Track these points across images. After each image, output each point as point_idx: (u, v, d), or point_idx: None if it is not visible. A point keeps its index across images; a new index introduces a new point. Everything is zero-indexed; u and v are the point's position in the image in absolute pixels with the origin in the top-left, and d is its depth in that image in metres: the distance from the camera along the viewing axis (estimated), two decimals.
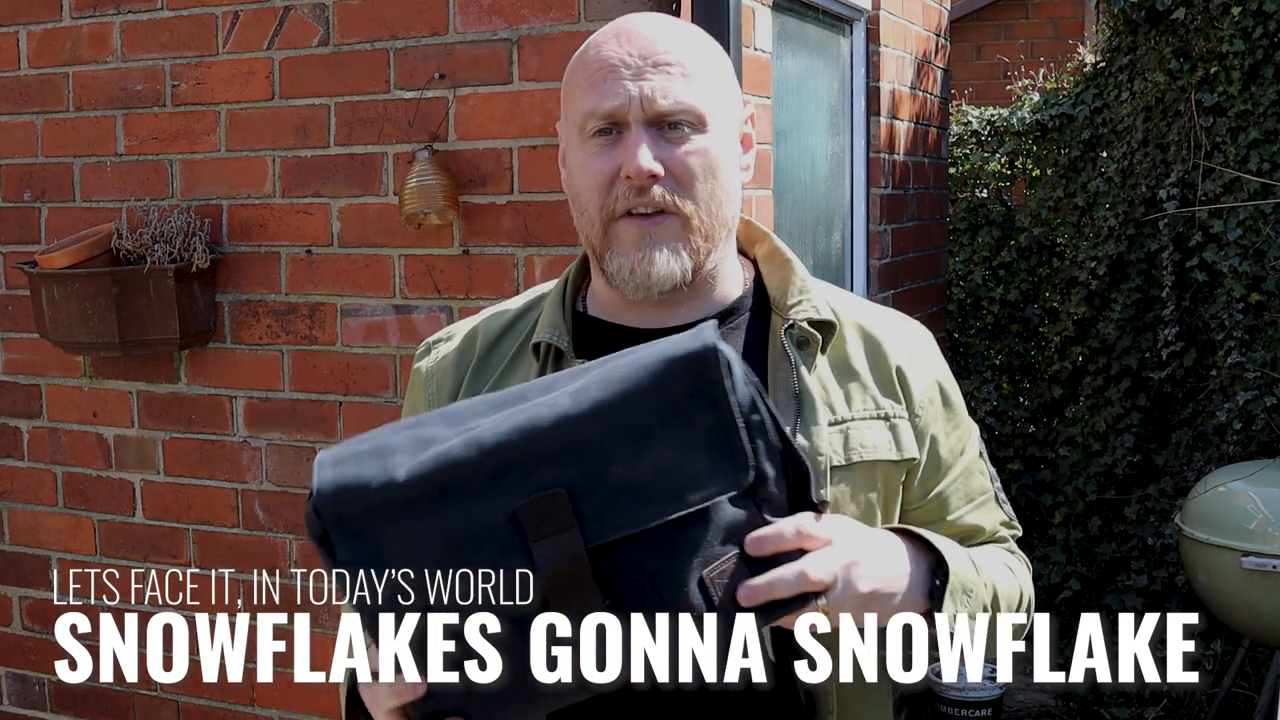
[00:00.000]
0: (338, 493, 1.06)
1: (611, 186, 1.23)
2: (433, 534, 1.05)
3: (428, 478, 1.05)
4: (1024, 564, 1.41)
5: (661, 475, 1.04)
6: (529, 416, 1.06)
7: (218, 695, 3.07)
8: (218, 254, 2.93)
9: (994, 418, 5.18)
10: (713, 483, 1.05)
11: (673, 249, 1.23)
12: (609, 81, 1.23)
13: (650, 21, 1.28)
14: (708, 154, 1.24)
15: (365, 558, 1.06)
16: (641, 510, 1.04)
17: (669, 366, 1.06)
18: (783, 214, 3.53)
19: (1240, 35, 4.19)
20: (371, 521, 1.06)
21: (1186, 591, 4.25)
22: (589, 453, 1.04)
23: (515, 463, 1.04)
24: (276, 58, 2.86)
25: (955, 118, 5.80)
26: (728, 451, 1.06)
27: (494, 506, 1.04)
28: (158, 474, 3.09)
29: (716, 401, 1.06)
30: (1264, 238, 4.18)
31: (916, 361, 1.35)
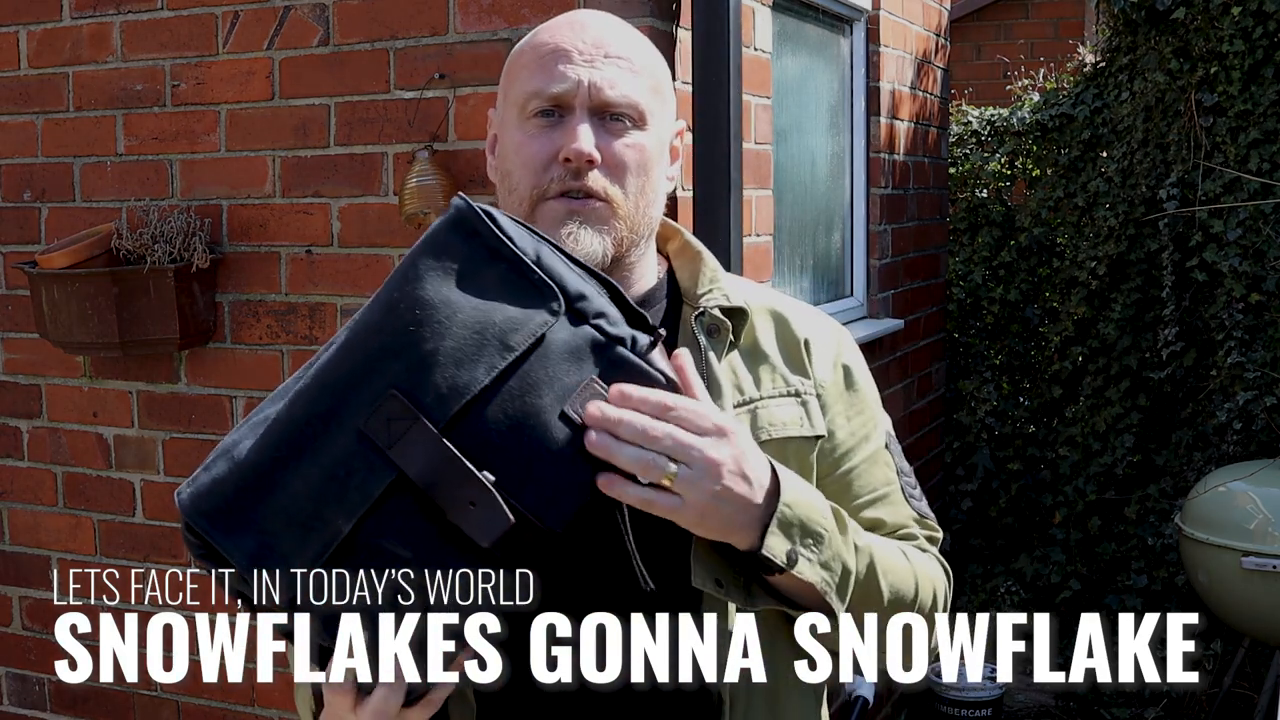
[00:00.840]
0: (196, 500, 1.06)
1: (547, 168, 1.24)
2: (299, 493, 1.04)
3: (271, 445, 1.05)
4: (933, 562, 1.37)
5: (477, 334, 1.05)
6: (336, 347, 1.08)
7: (218, 695, 3.07)
8: (218, 254, 2.93)
9: (994, 418, 5.18)
10: (528, 320, 1.06)
11: (598, 230, 1.24)
12: (560, 64, 1.24)
13: (604, 17, 1.31)
14: (644, 150, 1.26)
15: (256, 549, 1.05)
16: (472, 371, 1.04)
17: (433, 242, 1.08)
18: (783, 214, 3.53)
19: (1240, 35, 4.19)
20: (241, 512, 1.05)
21: (1186, 591, 4.25)
22: (399, 347, 1.05)
23: (341, 390, 1.05)
24: (276, 58, 2.86)
25: (955, 118, 5.80)
26: (528, 288, 1.07)
27: (341, 438, 1.04)
28: (158, 474, 3.09)
29: (495, 251, 1.08)
30: (1264, 238, 4.18)
31: (823, 342, 1.37)
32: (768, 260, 3.16)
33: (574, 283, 1.09)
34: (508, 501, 1.04)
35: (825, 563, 1.18)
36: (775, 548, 1.13)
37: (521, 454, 1.04)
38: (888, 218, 4.29)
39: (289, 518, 1.05)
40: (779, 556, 1.14)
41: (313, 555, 1.04)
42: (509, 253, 1.08)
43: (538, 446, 1.05)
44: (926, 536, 1.39)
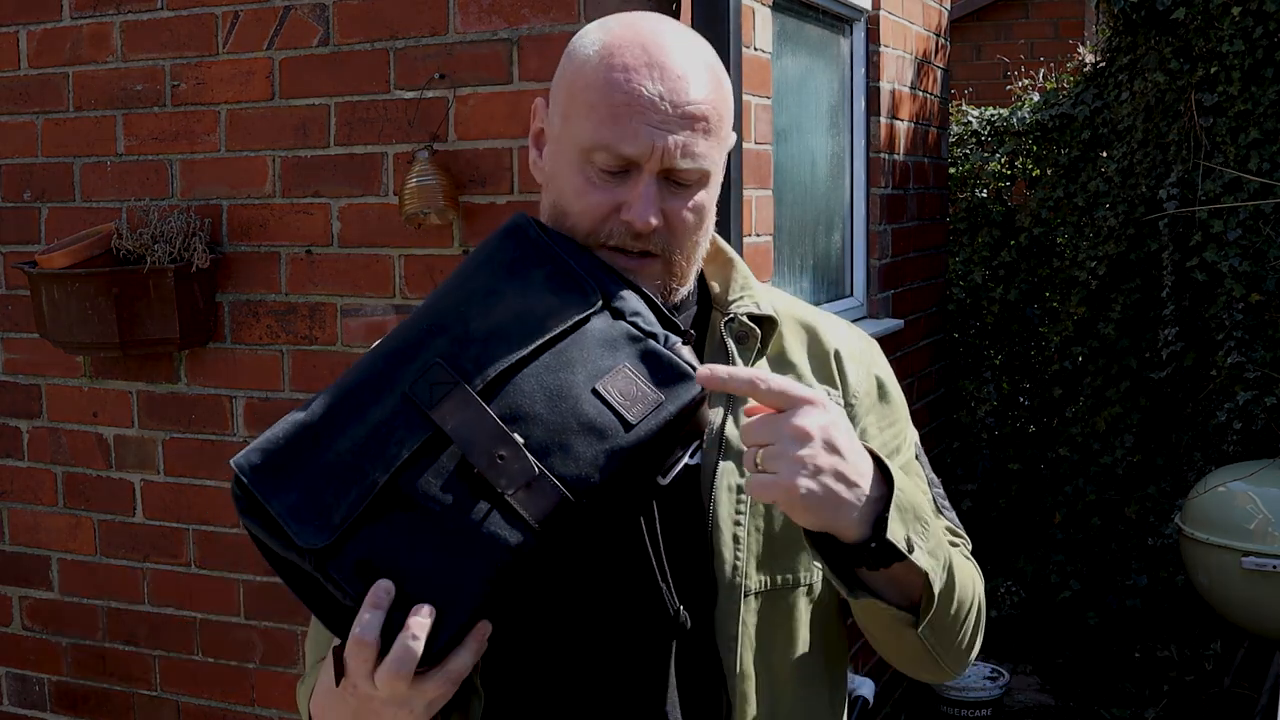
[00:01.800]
0: (249, 454, 1.13)
1: (607, 219, 1.22)
2: (343, 451, 1.11)
3: (323, 408, 1.14)
4: (974, 565, 1.35)
5: (519, 318, 1.15)
6: (394, 329, 1.19)
7: (218, 695, 3.07)
8: (218, 254, 2.93)
9: (994, 418, 5.18)
10: (567, 310, 1.15)
11: (651, 288, 1.24)
12: (634, 121, 1.19)
13: (678, 50, 1.23)
14: (703, 209, 1.25)
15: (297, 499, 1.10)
16: (511, 346, 1.13)
17: (490, 247, 1.21)
18: (783, 214, 3.53)
19: (1240, 35, 4.19)
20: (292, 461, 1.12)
21: (1186, 591, 4.25)
22: (447, 324, 1.15)
23: (392, 361, 1.14)
24: (276, 58, 2.86)
25: (955, 118, 5.80)
26: (571, 285, 1.17)
27: (388, 402, 1.12)
28: (158, 474, 3.09)
29: (543, 255, 1.19)
30: (1264, 238, 4.18)
31: (854, 353, 1.36)
32: (768, 260, 3.16)
33: (613, 287, 1.18)
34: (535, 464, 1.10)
35: (932, 551, 1.15)
36: (896, 533, 1.10)
37: (552, 423, 1.11)
38: (888, 218, 4.29)
39: (332, 472, 1.11)
40: (900, 542, 1.10)
41: (349, 505, 1.09)
42: (555, 255, 1.18)
43: (568, 416, 1.12)
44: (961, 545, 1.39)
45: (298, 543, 1.09)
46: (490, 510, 1.09)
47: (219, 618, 3.05)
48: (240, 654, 3.04)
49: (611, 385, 1.13)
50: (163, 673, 3.13)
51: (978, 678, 4.17)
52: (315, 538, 1.08)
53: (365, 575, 1.08)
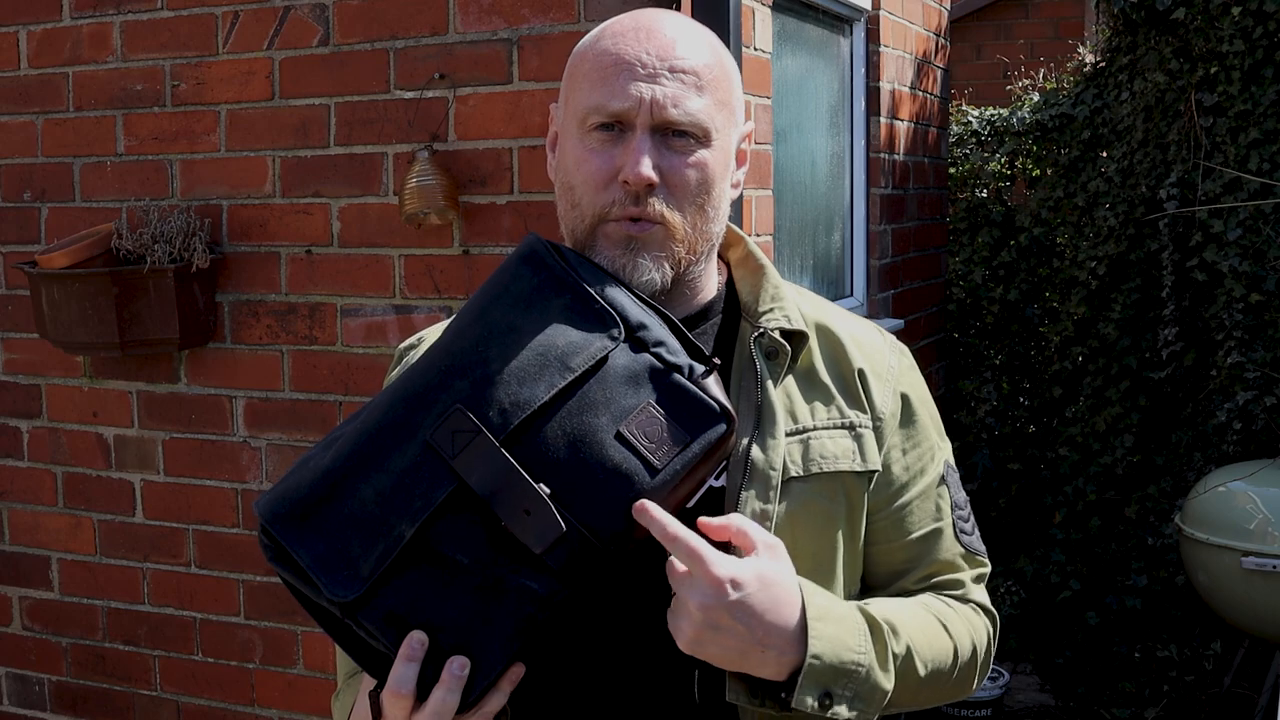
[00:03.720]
0: (272, 504, 1.12)
1: (608, 186, 1.21)
2: (368, 500, 1.10)
3: (343, 455, 1.12)
4: (977, 612, 1.35)
5: (540, 356, 1.12)
6: (408, 368, 1.16)
7: (218, 695, 3.07)
8: (218, 254, 2.93)
9: (994, 418, 5.18)
10: (588, 344, 1.12)
11: (655, 259, 1.22)
12: (621, 79, 1.20)
13: (673, 22, 1.25)
14: (706, 168, 1.23)
15: (325, 550, 1.10)
16: (534, 389, 1.10)
17: (506, 276, 1.17)
18: (783, 214, 3.53)
19: (1240, 35, 4.19)
20: (314, 513, 1.11)
21: (1186, 591, 4.25)
22: (467, 366, 1.12)
23: (411, 406, 1.12)
24: (276, 58, 2.86)
25: (955, 118, 5.80)
26: (591, 316, 1.14)
27: (409, 450, 1.10)
28: (158, 474, 3.09)
29: (562, 284, 1.15)
30: (1264, 238, 4.18)
31: (880, 370, 1.33)
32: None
33: (635, 313, 1.15)
34: (561, 514, 1.08)
35: (861, 694, 1.17)
36: (804, 701, 1.14)
37: (576, 469, 1.10)
38: (888, 218, 4.29)
39: (357, 523, 1.10)
40: (809, 707, 1.14)
41: (376, 559, 1.09)
42: (574, 284, 1.16)
43: (593, 463, 1.10)
44: (975, 575, 1.36)
45: (326, 594, 1.09)
46: (519, 563, 1.09)
47: (219, 618, 3.05)
48: (240, 654, 3.04)
49: (636, 426, 1.11)
50: (163, 673, 3.13)
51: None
52: (344, 589, 1.09)
53: (396, 626, 1.09)
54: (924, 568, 1.32)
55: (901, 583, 1.32)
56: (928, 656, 1.25)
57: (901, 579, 1.32)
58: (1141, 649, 4.31)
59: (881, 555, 1.32)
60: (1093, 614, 4.46)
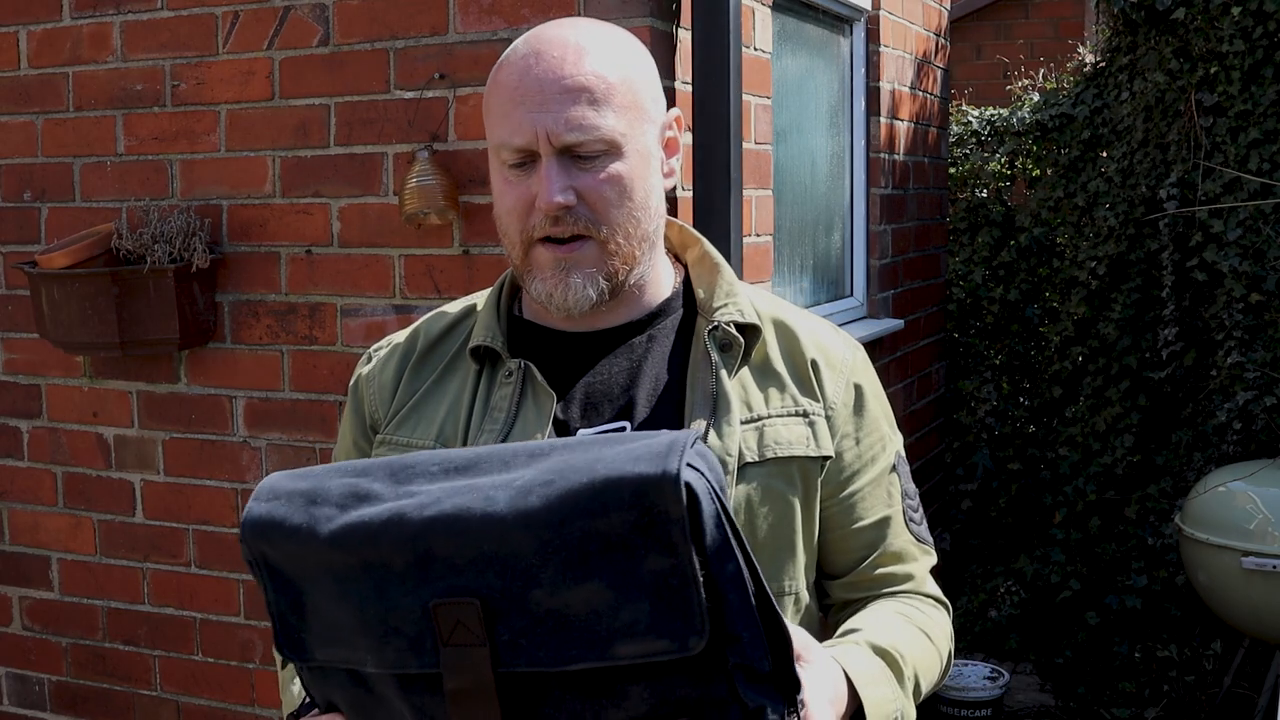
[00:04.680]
0: (262, 530, 1.00)
1: (529, 213, 1.24)
2: (351, 607, 0.97)
3: (350, 544, 0.96)
4: (937, 608, 1.39)
5: (593, 614, 0.90)
6: (461, 504, 0.93)
7: (218, 695, 3.07)
8: (218, 254, 2.93)
9: (994, 418, 5.18)
10: (653, 638, 0.88)
11: (588, 276, 1.25)
12: (516, 113, 1.22)
13: (563, 36, 1.25)
14: (620, 179, 1.24)
15: (289, 606, 1.01)
16: (563, 648, 0.90)
17: (616, 490, 0.89)
18: (783, 214, 3.53)
19: (1240, 35, 4.19)
20: (296, 569, 1.00)
21: (1186, 591, 4.25)
22: (512, 567, 0.91)
23: (438, 555, 0.93)
24: (276, 58, 2.86)
25: (955, 118, 5.80)
26: (679, 605, 0.88)
27: (411, 595, 0.94)
28: (158, 474, 3.09)
29: (671, 544, 0.88)
30: (1264, 238, 4.18)
31: (833, 362, 1.36)
32: (768, 260, 3.16)
33: (735, 621, 0.90)
34: None
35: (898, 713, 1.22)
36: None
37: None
38: (888, 218, 4.29)
39: (329, 610, 0.99)
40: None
41: (329, 657, 1.01)
42: (682, 558, 0.89)
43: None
44: (926, 566, 1.40)
45: (275, 636, 1.03)
46: None
47: (219, 618, 3.05)
48: (240, 654, 3.04)
49: None
50: (163, 673, 3.13)
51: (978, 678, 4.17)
52: (291, 651, 1.03)
53: (331, 707, 1.04)
54: (878, 556, 1.35)
55: (858, 571, 1.35)
56: (924, 671, 1.30)
57: (858, 568, 1.35)
58: (1141, 649, 4.31)
59: (837, 543, 1.35)
60: (1093, 614, 4.45)
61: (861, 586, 1.36)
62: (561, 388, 1.29)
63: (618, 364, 1.30)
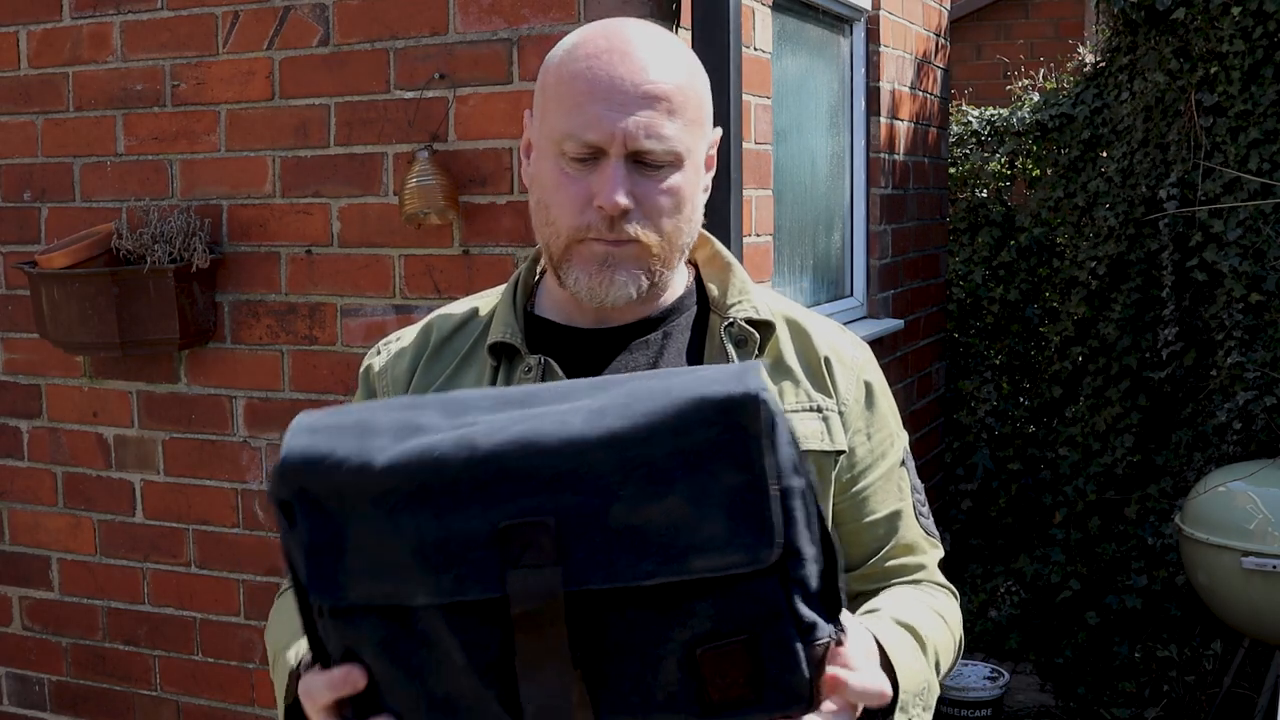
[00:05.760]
0: (305, 464, 0.95)
1: (583, 211, 1.24)
2: (405, 537, 0.93)
3: (409, 472, 0.93)
4: (949, 595, 1.41)
5: (670, 528, 0.91)
6: (533, 428, 0.93)
7: (218, 695, 3.07)
8: (218, 254, 2.93)
9: (994, 418, 5.18)
10: (728, 551, 0.91)
11: (631, 274, 1.25)
12: (595, 107, 1.21)
13: (645, 40, 1.25)
14: (679, 191, 1.25)
15: (326, 543, 0.95)
16: (639, 562, 0.91)
17: (699, 408, 0.91)
18: (783, 214, 3.53)
19: (1240, 35, 4.19)
20: (340, 504, 0.95)
21: (1186, 591, 4.25)
22: (592, 485, 0.91)
23: (509, 476, 0.92)
24: (276, 58, 2.86)
25: (955, 118, 5.80)
26: (754, 519, 0.91)
27: (476, 520, 0.92)
28: (158, 474, 3.09)
29: (749, 460, 0.91)
30: (1264, 238, 4.18)
31: (845, 359, 1.38)
32: (768, 260, 3.16)
33: (799, 536, 0.93)
34: (587, 699, 0.93)
35: (928, 704, 1.23)
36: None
37: (622, 667, 0.93)
38: (888, 218, 4.29)
39: (376, 545, 0.94)
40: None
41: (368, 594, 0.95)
42: (757, 472, 0.91)
43: (649, 682, 0.93)
44: (935, 558, 1.43)
45: (303, 581, 0.96)
46: (504, 707, 0.93)
47: (219, 618, 3.05)
48: (240, 654, 3.04)
49: (713, 658, 0.92)
50: (163, 673, 3.13)
51: (978, 678, 4.17)
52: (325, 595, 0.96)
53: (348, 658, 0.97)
54: (890, 548, 1.38)
55: (871, 564, 1.37)
56: (943, 651, 1.32)
57: (870, 560, 1.37)
58: (1141, 649, 4.31)
59: (850, 536, 1.36)
60: (1093, 614, 4.45)
61: (874, 578, 1.37)
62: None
63: (635, 360, 1.31)
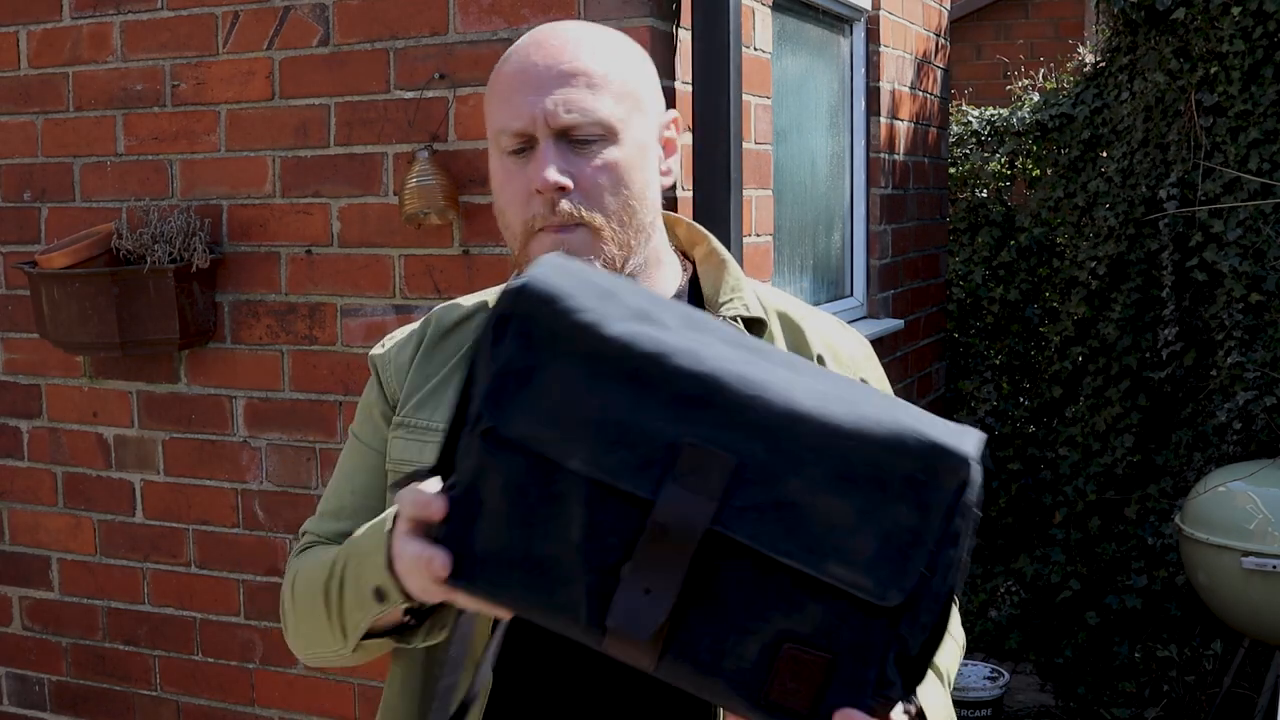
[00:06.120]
0: (543, 296, 0.98)
1: (528, 202, 1.25)
2: (593, 402, 0.95)
3: (631, 352, 0.96)
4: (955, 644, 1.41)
5: (828, 525, 0.93)
6: (760, 374, 0.96)
7: (218, 695, 3.07)
8: (218, 254, 2.93)
9: (994, 418, 5.18)
10: (863, 573, 0.92)
11: (585, 260, 1.25)
12: (516, 97, 1.24)
13: (564, 30, 1.28)
14: (616, 166, 1.25)
15: (519, 371, 0.97)
16: (785, 539, 0.92)
17: (915, 440, 0.94)
18: (783, 214, 3.53)
19: (1240, 35, 4.19)
20: (551, 345, 0.97)
21: (1186, 591, 4.25)
22: (786, 451, 0.93)
23: (716, 403, 0.94)
24: (276, 58, 2.86)
25: (955, 118, 5.80)
26: (899, 560, 0.93)
27: (667, 424, 0.94)
28: (158, 474, 3.09)
29: (927, 510, 0.93)
30: (1264, 238, 4.18)
31: (840, 357, 1.37)
32: (768, 260, 3.16)
33: (925, 601, 0.94)
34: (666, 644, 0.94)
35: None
36: None
37: (711, 630, 0.93)
38: (888, 218, 4.29)
39: (562, 398, 0.96)
40: None
41: (529, 435, 0.96)
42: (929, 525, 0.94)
43: (728, 642, 0.93)
44: None
45: (485, 400, 0.97)
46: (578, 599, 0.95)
47: (219, 618, 3.05)
48: (240, 654, 3.04)
49: (794, 661, 0.93)
50: (163, 673, 3.13)
51: (978, 678, 4.17)
52: (494, 410, 0.96)
53: (472, 480, 0.97)
54: None
55: None
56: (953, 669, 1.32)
57: None
58: (1141, 649, 4.31)
59: None
60: (1093, 614, 4.45)
61: None
62: None
63: None
